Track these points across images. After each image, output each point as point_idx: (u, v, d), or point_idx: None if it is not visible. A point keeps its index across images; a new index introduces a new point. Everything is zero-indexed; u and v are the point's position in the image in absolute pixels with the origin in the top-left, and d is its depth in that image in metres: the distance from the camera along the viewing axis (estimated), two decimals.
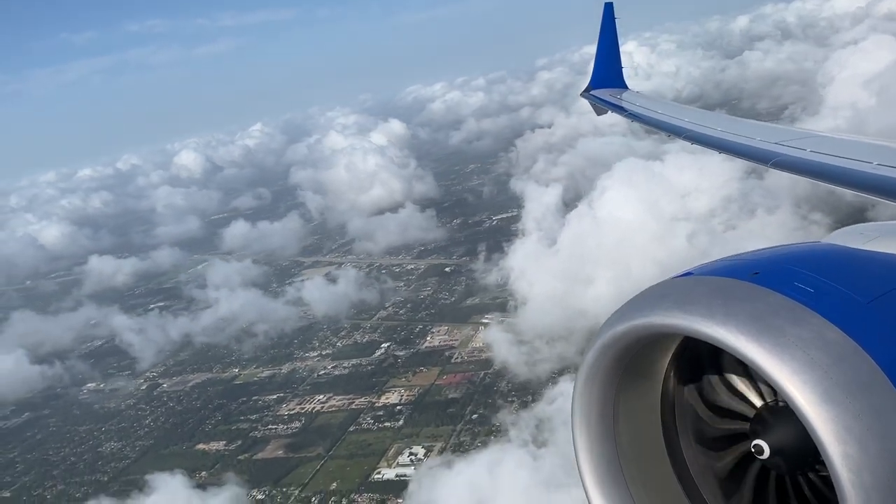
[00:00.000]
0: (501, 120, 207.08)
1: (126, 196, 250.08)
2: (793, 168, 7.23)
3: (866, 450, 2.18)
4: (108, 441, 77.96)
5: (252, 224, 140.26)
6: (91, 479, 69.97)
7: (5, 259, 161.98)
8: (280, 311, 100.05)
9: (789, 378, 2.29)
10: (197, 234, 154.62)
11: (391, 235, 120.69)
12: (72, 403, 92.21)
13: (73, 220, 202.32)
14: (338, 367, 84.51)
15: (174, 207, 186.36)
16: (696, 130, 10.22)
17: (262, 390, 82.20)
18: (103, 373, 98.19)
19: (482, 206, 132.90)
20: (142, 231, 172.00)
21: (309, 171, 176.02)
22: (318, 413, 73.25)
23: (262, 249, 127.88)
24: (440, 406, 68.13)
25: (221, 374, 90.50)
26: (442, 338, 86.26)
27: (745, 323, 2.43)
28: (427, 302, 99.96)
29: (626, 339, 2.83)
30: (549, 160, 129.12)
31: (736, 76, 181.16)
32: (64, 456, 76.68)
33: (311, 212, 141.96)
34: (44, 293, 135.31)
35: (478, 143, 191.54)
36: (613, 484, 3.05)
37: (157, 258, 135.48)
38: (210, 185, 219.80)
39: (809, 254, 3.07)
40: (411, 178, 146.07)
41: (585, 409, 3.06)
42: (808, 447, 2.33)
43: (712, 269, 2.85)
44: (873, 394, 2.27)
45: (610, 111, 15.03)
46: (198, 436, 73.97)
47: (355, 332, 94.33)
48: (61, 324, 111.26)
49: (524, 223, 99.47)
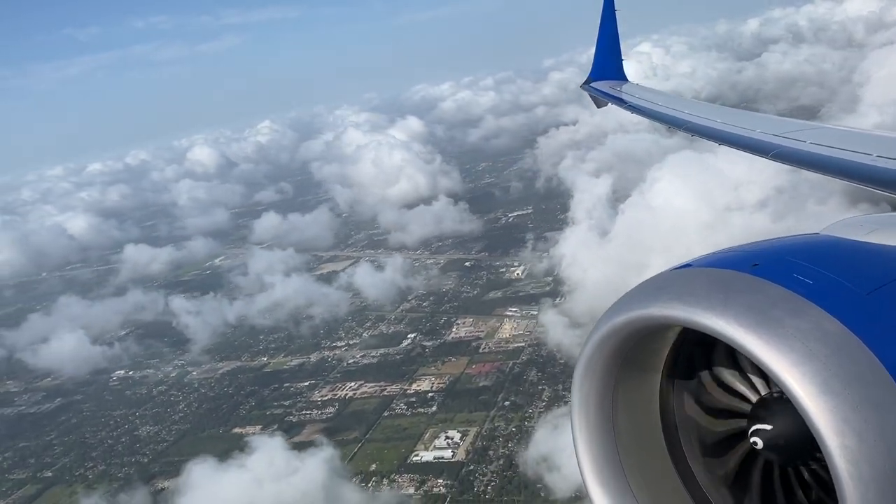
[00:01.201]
0: (519, 118, 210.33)
1: (143, 190, 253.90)
2: (792, 160, 7.17)
3: (864, 441, 2.19)
4: (144, 425, 79.84)
5: (283, 216, 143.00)
6: (131, 460, 71.95)
7: (37, 249, 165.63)
8: (308, 301, 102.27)
9: (788, 369, 2.30)
10: (224, 225, 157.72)
11: (418, 229, 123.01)
12: (103, 389, 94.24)
13: (97, 211, 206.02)
14: (366, 356, 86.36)
15: (198, 200, 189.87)
16: (695, 122, 10.10)
17: (292, 378, 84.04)
18: (155, 355, 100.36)
19: (505, 202, 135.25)
20: (167, 222, 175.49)
21: (333, 165, 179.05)
22: (351, 399, 75.10)
23: (294, 241, 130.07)
24: (472, 393, 69.89)
25: (250, 362, 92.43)
26: (468, 329, 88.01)
27: (744, 314, 2.45)
28: (450, 295, 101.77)
29: (624, 331, 2.85)
30: (577, 156, 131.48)
31: (753, 77, 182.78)
32: (101, 439, 78.60)
33: (339, 205, 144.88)
34: (83, 280, 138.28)
35: (495, 141, 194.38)
36: (612, 475, 3.09)
37: (192, 248, 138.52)
38: (230, 180, 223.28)
39: (808, 245, 3.07)
40: (437, 173, 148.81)
41: (584, 402, 3.08)
42: (807, 438, 2.33)
43: (711, 260, 2.86)
44: (872, 385, 2.27)
45: (610, 103, 15.07)
46: (233, 420, 75.85)
47: (380, 324, 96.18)
48: (108, 308, 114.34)
49: (574, 213, 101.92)
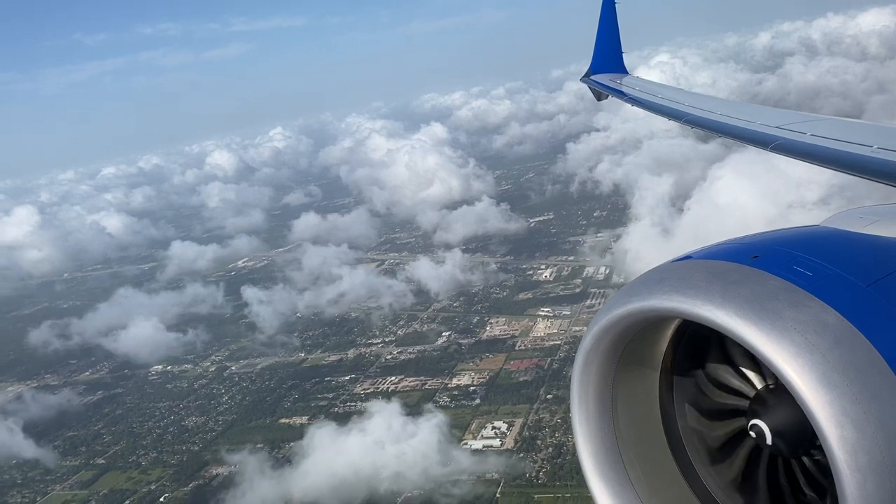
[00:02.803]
0: (543, 126, 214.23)
1: (167, 192, 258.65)
2: (792, 152, 7.18)
3: (863, 433, 2.21)
4: (190, 416, 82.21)
5: (322, 216, 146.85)
6: (181, 448, 74.42)
7: (77, 246, 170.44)
8: (341, 298, 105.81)
9: (787, 361, 2.31)
10: (262, 225, 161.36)
11: (457, 230, 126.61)
12: (143, 383, 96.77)
13: (128, 212, 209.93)
14: (403, 352, 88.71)
15: (229, 202, 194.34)
16: (696, 114, 10.16)
17: (332, 372, 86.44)
18: (190, 351, 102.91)
19: (540, 205, 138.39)
20: (201, 222, 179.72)
21: (365, 169, 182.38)
22: (394, 392, 77.31)
23: (336, 240, 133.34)
24: (513, 388, 72.24)
25: (288, 358, 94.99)
26: (501, 328, 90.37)
27: (744, 306, 2.45)
28: (479, 295, 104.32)
29: (623, 322, 2.84)
30: (613, 160, 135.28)
31: (773, 88, 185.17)
32: (149, 429, 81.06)
33: (376, 206, 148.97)
34: (132, 276, 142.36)
35: (519, 147, 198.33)
36: (611, 467, 3.10)
37: (236, 245, 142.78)
38: (256, 183, 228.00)
39: (809, 237, 3.08)
40: (470, 177, 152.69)
41: (583, 394, 3.08)
42: (806, 430, 2.35)
43: (711, 252, 2.86)
44: (871, 377, 2.29)
45: (610, 96, 15.11)
46: (279, 411, 78.28)
47: (413, 322, 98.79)
48: (164, 300, 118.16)
49: (636, 209, 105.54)
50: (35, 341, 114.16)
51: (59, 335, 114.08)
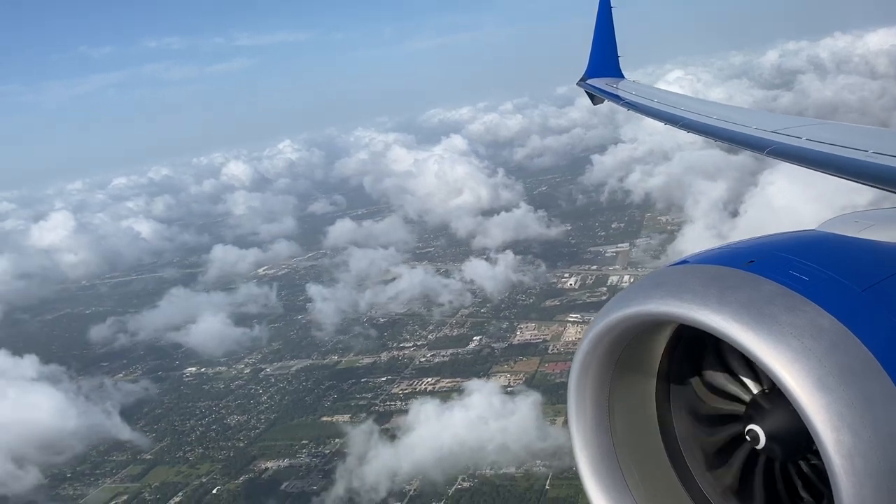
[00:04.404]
0: (563, 138, 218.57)
1: (187, 201, 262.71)
2: (788, 156, 7.18)
3: (859, 437, 2.21)
4: (231, 415, 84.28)
5: (358, 223, 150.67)
6: (227, 444, 76.60)
7: (113, 250, 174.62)
8: (373, 303, 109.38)
9: (784, 366, 2.32)
10: (295, 231, 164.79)
11: (491, 236, 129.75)
12: (178, 384, 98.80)
13: (155, 219, 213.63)
14: (436, 355, 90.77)
15: (255, 210, 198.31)
16: (692, 119, 10.14)
17: (368, 374, 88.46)
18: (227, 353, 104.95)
19: (573, 214, 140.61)
20: (230, 229, 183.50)
21: (393, 179, 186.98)
22: (432, 392, 79.44)
23: (375, 245, 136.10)
24: (551, 388, 74.10)
25: (321, 360, 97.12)
26: (531, 333, 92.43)
27: (740, 311, 2.46)
28: (506, 302, 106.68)
29: (620, 327, 2.85)
30: (645, 171, 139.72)
31: (790, 104, 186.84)
32: (191, 426, 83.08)
33: (408, 214, 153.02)
34: (176, 278, 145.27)
35: (539, 160, 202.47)
36: (609, 473, 3.12)
37: (276, 249, 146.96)
38: (279, 193, 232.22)
39: (804, 242, 3.09)
40: (499, 186, 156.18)
41: (581, 399, 3.10)
42: (802, 434, 2.36)
43: (707, 257, 2.87)
44: (867, 382, 2.30)
45: (606, 100, 15.01)
46: (320, 410, 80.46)
47: (443, 328, 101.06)
48: (219, 300, 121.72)
49: (690, 212, 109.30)
50: (96, 338, 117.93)
51: (121, 332, 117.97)
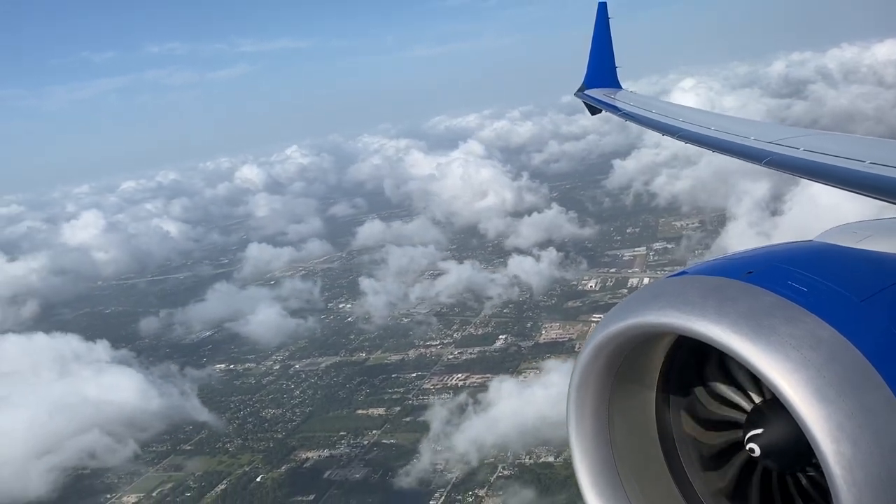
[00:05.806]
0: (580, 144, 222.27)
1: (204, 204, 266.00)
2: (785, 167, 7.25)
3: (859, 447, 2.21)
4: (266, 409, 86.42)
5: (387, 224, 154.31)
6: (265, 436, 78.71)
7: (142, 249, 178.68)
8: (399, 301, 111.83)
9: (783, 377, 2.32)
10: (324, 232, 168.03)
11: (523, 236, 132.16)
12: (209, 379, 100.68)
13: (178, 220, 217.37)
14: (464, 353, 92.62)
15: (277, 212, 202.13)
16: (690, 130, 10.22)
17: (397, 370, 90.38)
18: (251, 351, 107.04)
19: (599, 217, 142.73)
20: (255, 230, 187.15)
21: (416, 182, 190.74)
22: (463, 387, 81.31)
23: (409, 244, 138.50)
24: None
25: (350, 357, 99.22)
26: (557, 332, 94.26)
27: (739, 322, 2.47)
28: (528, 303, 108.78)
29: (619, 339, 2.86)
30: (671, 174, 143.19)
31: (803, 113, 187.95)
32: (227, 420, 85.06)
33: (435, 215, 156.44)
34: (215, 276, 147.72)
35: (556, 165, 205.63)
36: (608, 483, 3.11)
37: (309, 248, 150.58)
38: (297, 195, 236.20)
39: (803, 253, 3.12)
40: (523, 189, 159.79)
41: (580, 409, 3.09)
42: (802, 445, 2.36)
43: (706, 268, 2.89)
44: (866, 392, 2.30)
45: (604, 110, 15.04)
46: (354, 404, 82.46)
47: (467, 326, 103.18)
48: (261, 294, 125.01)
49: (732, 211, 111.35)
50: (147, 330, 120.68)
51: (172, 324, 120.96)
